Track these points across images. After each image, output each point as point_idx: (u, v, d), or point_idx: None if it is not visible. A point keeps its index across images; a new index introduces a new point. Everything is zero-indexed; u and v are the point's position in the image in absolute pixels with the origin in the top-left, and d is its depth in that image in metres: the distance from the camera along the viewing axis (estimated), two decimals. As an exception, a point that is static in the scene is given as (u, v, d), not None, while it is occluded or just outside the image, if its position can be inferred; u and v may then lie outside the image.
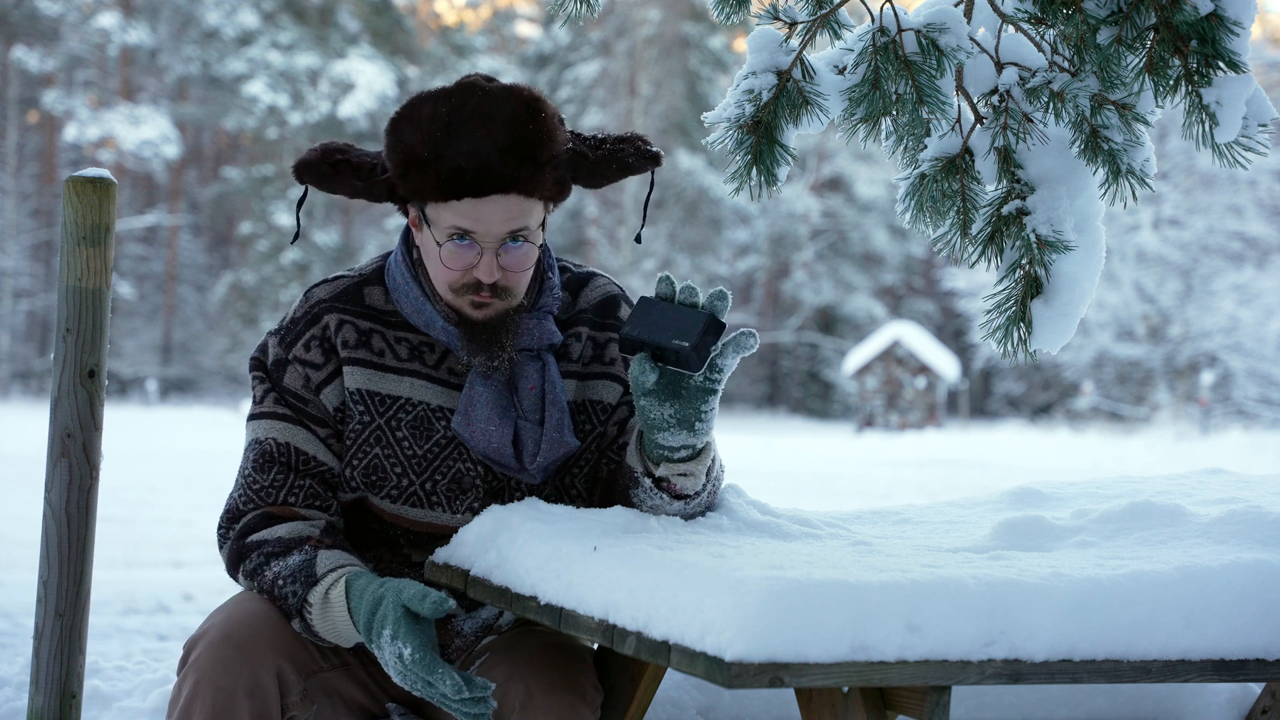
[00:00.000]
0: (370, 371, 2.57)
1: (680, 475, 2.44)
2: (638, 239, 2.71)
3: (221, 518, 2.58)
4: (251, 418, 2.60)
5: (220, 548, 2.58)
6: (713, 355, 2.33)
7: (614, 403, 2.65)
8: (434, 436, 2.57)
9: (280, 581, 2.46)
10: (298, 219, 2.73)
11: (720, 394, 2.38)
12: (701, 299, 2.34)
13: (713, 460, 2.47)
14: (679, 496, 2.46)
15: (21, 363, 39.82)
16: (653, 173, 2.67)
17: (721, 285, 2.41)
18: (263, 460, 2.56)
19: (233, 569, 2.56)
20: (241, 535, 2.54)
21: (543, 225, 2.55)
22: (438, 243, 2.50)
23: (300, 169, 2.57)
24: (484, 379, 2.54)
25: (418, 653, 2.29)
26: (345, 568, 2.45)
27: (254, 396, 2.61)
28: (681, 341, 2.28)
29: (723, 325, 2.31)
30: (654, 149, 2.61)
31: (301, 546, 2.48)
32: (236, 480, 2.59)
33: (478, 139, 2.43)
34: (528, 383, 2.56)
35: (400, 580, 2.36)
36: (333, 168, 2.55)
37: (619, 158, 2.58)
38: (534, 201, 2.50)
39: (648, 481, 2.45)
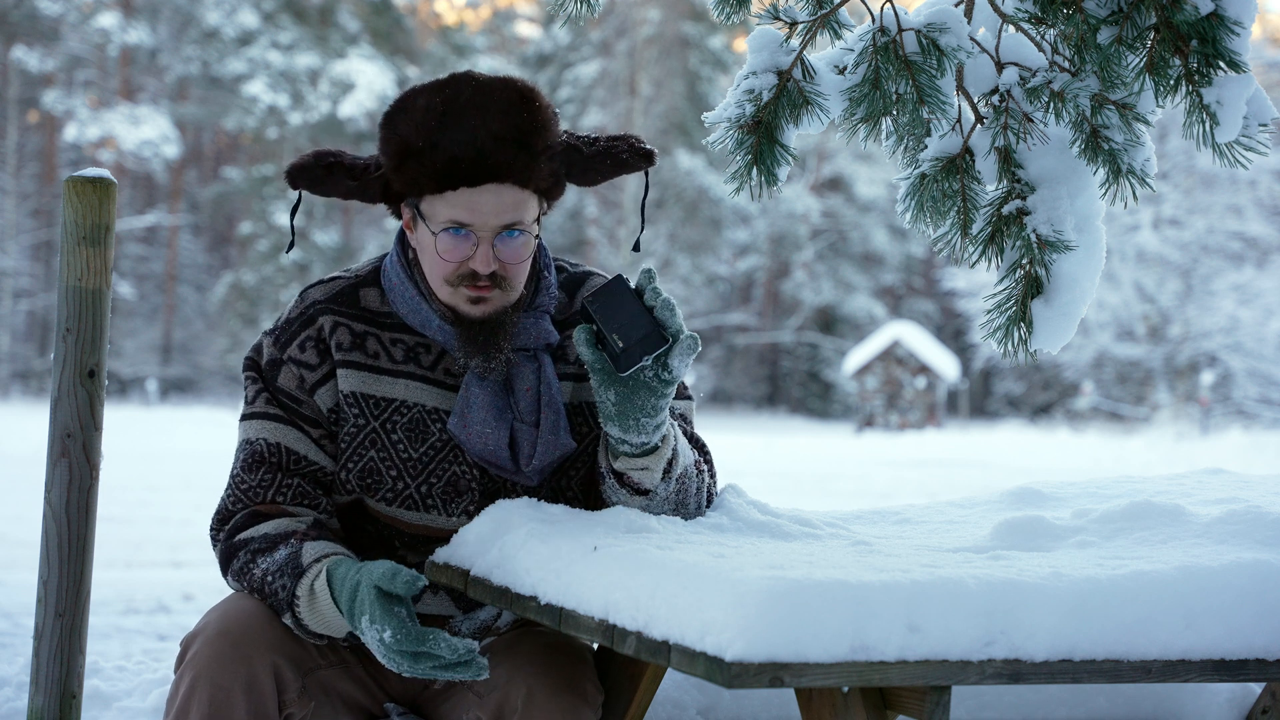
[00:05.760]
0: (364, 374, 2.56)
1: (637, 470, 2.47)
2: (636, 247, 2.67)
3: (213, 520, 2.59)
4: (244, 418, 2.60)
5: (214, 549, 2.59)
6: (642, 364, 2.37)
7: None
8: (429, 439, 2.57)
9: (269, 578, 2.46)
10: (292, 227, 2.73)
11: (669, 397, 2.41)
12: (659, 305, 2.37)
13: (672, 458, 2.48)
14: (638, 491, 2.48)
15: (21, 363, 39.81)
16: (647, 174, 2.66)
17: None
18: (252, 460, 2.56)
19: (224, 570, 2.56)
20: (230, 535, 2.54)
21: (538, 221, 2.54)
22: (433, 233, 2.49)
23: (293, 173, 2.56)
24: (480, 380, 2.53)
25: (398, 634, 2.30)
26: (330, 556, 2.44)
27: (246, 397, 2.61)
28: (617, 339, 2.36)
29: (665, 341, 2.37)
30: (648, 147, 2.60)
31: (287, 540, 2.49)
32: (227, 482, 2.59)
33: (472, 127, 2.44)
34: (524, 384, 2.54)
35: (373, 563, 2.36)
36: (326, 169, 2.55)
37: (613, 154, 2.57)
38: (528, 194, 2.49)
39: (609, 477, 2.49)
